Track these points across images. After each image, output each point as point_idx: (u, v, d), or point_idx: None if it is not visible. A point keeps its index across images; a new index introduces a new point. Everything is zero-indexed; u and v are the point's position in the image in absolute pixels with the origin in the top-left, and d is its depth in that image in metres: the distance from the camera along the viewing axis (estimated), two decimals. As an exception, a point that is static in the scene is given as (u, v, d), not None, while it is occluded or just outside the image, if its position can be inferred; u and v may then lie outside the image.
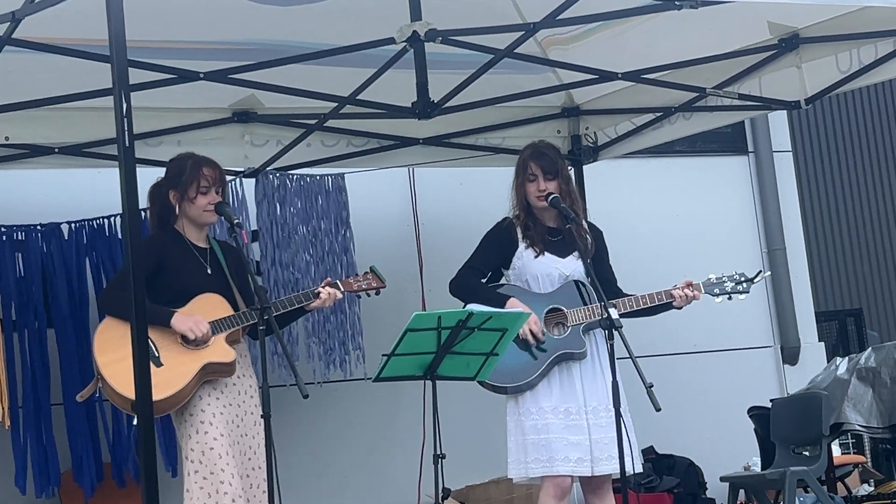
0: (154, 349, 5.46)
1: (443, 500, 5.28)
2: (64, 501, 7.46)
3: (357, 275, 6.22)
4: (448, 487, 5.26)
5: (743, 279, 6.26)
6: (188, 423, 5.63)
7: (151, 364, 4.84)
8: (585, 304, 6.04)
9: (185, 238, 5.85)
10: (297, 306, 5.89)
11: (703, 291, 6.21)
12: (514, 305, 5.95)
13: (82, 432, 7.35)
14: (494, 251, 6.21)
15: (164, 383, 5.41)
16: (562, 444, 5.96)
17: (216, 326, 5.66)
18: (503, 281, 6.19)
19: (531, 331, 5.93)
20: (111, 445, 7.44)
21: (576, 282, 6.09)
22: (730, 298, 6.26)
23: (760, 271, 6.41)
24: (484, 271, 6.20)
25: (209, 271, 5.82)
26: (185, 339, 5.62)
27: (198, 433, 5.60)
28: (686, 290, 6.13)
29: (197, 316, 5.61)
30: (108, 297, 5.75)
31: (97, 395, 5.90)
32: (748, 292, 6.29)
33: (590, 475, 5.98)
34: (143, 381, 4.70)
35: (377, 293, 6.15)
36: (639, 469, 6.00)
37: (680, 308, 6.20)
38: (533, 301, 6.04)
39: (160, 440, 7.23)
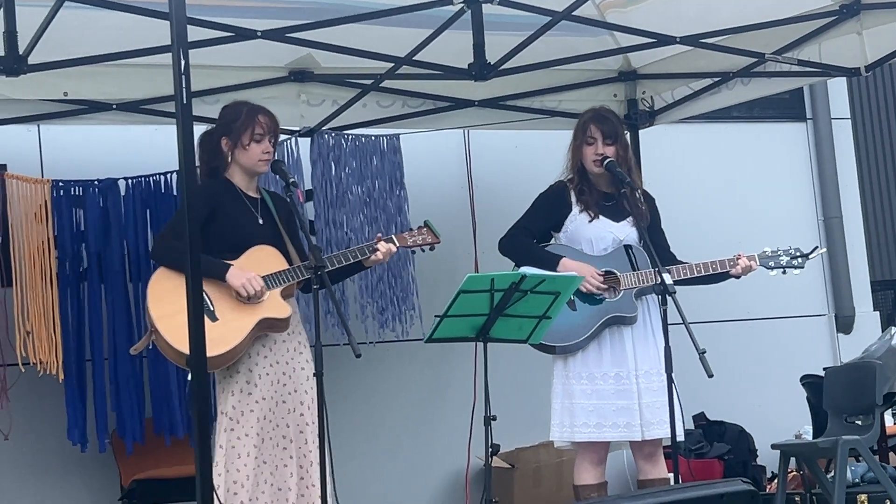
0: (209, 303, 5.36)
1: (491, 457, 5.29)
2: (117, 456, 7.52)
3: (412, 229, 6.15)
4: (497, 443, 5.26)
5: (798, 254, 6.22)
6: (233, 380, 5.55)
7: (206, 319, 4.74)
8: (635, 269, 6.02)
9: (237, 187, 5.74)
10: (352, 261, 5.78)
11: (758, 263, 6.18)
12: (566, 266, 5.94)
13: (127, 388, 7.32)
14: (547, 213, 6.19)
15: (219, 339, 5.31)
16: (611, 409, 5.96)
17: (271, 281, 5.58)
18: (552, 242, 6.18)
19: (591, 283, 5.93)
20: (155, 402, 7.39)
21: (626, 246, 6.08)
22: (784, 272, 6.23)
23: (816, 247, 6.36)
24: (535, 232, 6.18)
25: (260, 221, 5.72)
26: (239, 293, 5.54)
27: (241, 392, 5.54)
28: (742, 261, 6.11)
29: (251, 272, 5.52)
30: (163, 247, 5.62)
31: (145, 351, 5.82)
32: (803, 268, 6.26)
33: (640, 440, 5.97)
34: (198, 341, 4.61)
35: (431, 248, 6.05)
36: (681, 437, 5.94)
37: (738, 277, 6.17)
38: (585, 263, 6.03)
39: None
